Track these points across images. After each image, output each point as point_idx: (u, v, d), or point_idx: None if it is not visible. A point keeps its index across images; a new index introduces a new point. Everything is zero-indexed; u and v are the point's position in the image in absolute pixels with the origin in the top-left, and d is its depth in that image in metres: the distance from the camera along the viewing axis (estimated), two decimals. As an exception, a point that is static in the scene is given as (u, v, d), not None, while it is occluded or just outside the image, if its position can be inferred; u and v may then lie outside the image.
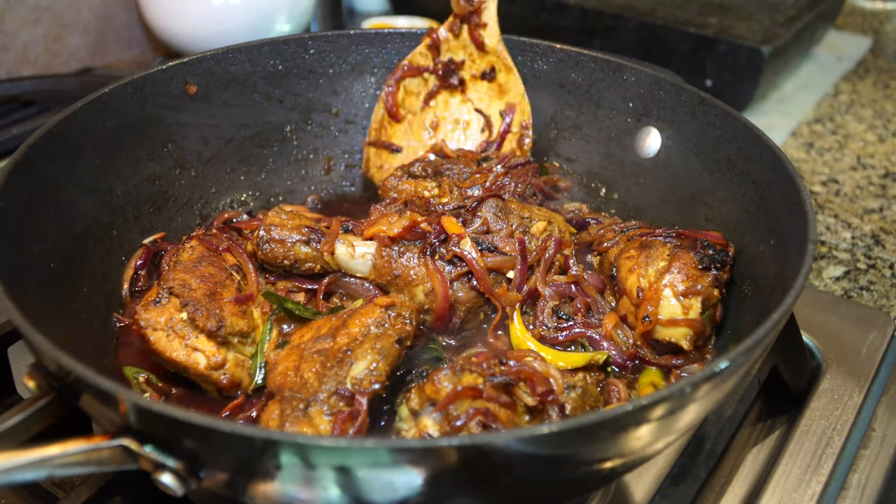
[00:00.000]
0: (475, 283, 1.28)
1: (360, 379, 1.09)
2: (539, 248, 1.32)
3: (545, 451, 0.81)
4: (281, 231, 1.33)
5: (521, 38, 1.62)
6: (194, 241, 1.33)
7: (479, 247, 1.29)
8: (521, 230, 1.33)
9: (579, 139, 1.62)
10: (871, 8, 3.35)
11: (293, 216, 1.37)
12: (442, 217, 1.32)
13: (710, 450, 1.29)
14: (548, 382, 1.06)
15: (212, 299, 1.22)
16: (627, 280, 1.28)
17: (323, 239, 1.33)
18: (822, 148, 2.29)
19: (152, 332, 1.19)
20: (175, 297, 1.21)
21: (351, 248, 1.32)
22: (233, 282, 1.28)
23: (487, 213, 1.34)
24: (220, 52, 1.54)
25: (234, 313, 1.22)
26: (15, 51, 2.29)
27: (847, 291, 1.71)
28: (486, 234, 1.32)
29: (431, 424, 1.02)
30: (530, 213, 1.36)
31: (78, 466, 0.85)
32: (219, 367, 1.20)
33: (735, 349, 0.88)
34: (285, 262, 1.34)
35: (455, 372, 1.05)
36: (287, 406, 1.05)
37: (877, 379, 1.40)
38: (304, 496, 0.86)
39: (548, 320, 1.29)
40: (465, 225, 1.32)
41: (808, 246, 1.02)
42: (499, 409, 1.02)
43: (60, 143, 1.27)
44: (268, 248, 1.33)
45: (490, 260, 1.29)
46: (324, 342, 1.14)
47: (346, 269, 1.34)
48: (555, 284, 1.32)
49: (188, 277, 1.23)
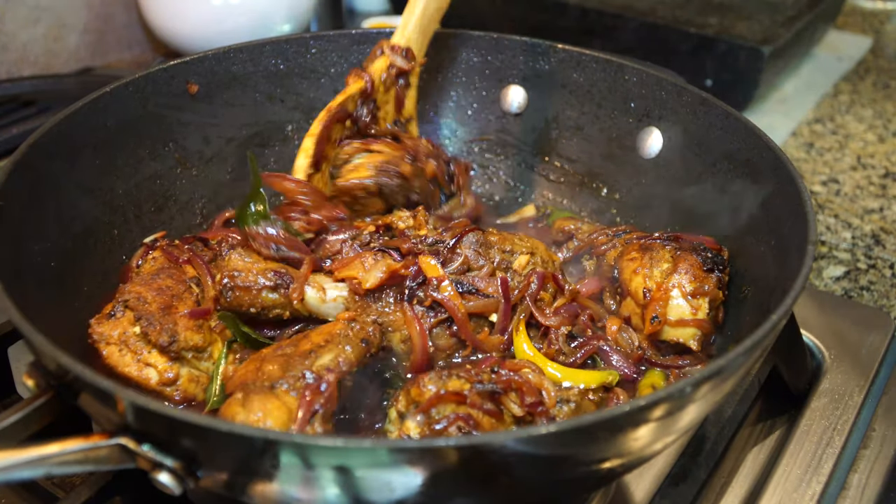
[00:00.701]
0: (456, 329, 1.21)
1: (325, 366, 1.07)
2: (522, 284, 1.26)
3: (543, 451, 0.81)
4: (246, 277, 1.23)
5: (522, 38, 1.62)
6: (157, 252, 1.31)
7: (460, 289, 1.22)
8: (503, 266, 1.27)
9: (580, 139, 1.62)
10: (871, 8, 3.35)
11: (257, 259, 1.27)
12: (420, 258, 1.24)
13: (710, 450, 1.29)
14: (538, 394, 1.05)
15: (166, 313, 1.18)
16: (632, 281, 1.28)
17: (291, 284, 1.23)
18: (823, 148, 2.29)
19: (105, 346, 1.16)
20: (130, 310, 1.18)
21: (321, 293, 1.24)
22: (191, 295, 1.24)
23: (467, 249, 1.26)
24: (221, 51, 1.54)
25: (189, 328, 1.18)
26: (15, 51, 2.29)
27: (847, 291, 1.71)
28: (468, 273, 1.25)
29: (413, 427, 1.01)
30: (512, 246, 1.30)
31: (76, 465, 0.85)
32: (170, 382, 1.16)
33: (735, 349, 0.88)
34: (251, 311, 1.24)
35: (441, 376, 1.05)
36: (250, 388, 1.02)
37: (877, 379, 1.40)
38: (302, 496, 0.86)
39: (564, 347, 1.25)
40: (445, 264, 1.24)
41: (808, 247, 1.02)
42: (482, 417, 1.01)
43: (61, 143, 1.27)
44: (231, 297, 1.23)
45: (472, 304, 1.22)
46: (286, 349, 1.11)
47: (317, 314, 1.26)
48: (559, 311, 1.27)
49: (144, 290, 1.20)
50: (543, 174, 1.69)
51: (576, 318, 1.28)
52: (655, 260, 1.27)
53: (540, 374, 1.09)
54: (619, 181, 1.58)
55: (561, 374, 1.18)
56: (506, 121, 1.70)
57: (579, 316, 1.28)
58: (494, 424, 1.02)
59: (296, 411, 1.00)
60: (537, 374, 1.09)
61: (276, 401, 1.00)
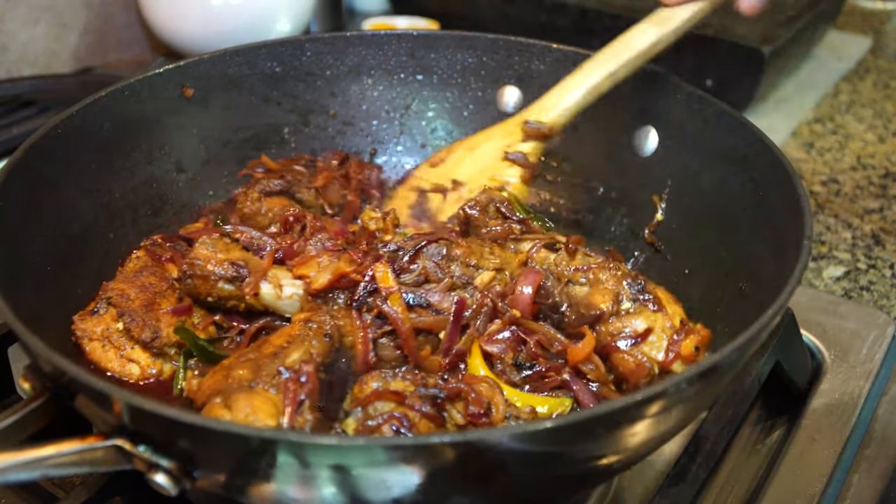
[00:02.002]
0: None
1: (297, 361, 1.06)
2: (478, 303, 1.20)
3: (540, 447, 0.81)
4: (205, 267, 1.22)
5: (517, 39, 1.62)
6: (141, 252, 1.33)
7: (410, 302, 1.17)
8: (463, 280, 1.21)
9: (576, 139, 1.62)
10: (871, 8, 3.35)
11: (224, 247, 1.25)
12: (375, 265, 1.20)
13: (710, 450, 1.29)
14: (485, 406, 1.02)
15: (149, 310, 1.20)
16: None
17: (247, 278, 1.21)
18: (823, 148, 2.28)
19: (88, 342, 1.18)
20: (112, 306, 1.20)
21: (277, 289, 1.22)
22: (173, 292, 1.27)
23: (427, 260, 1.21)
24: (216, 54, 1.54)
25: (172, 324, 1.20)
26: (15, 51, 2.29)
27: (847, 291, 1.70)
28: (425, 285, 1.20)
29: (351, 423, 1.01)
30: (478, 260, 1.24)
31: (72, 467, 0.85)
32: (153, 378, 1.19)
33: (730, 345, 0.88)
34: (209, 299, 1.24)
35: (386, 376, 1.04)
36: (228, 390, 1.00)
37: (877, 379, 1.40)
38: (299, 495, 0.85)
39: (513, 376, 1.17)
40: (401, 272, 1.20)
41: (804, 242, 1.02)
42: (419, 419, 1.00)
43: (58, 145, 1.27)
44: (190, 284, 1.23)
45: (420, 319, 1.17)
46: (249, 355, 1.09)
47: (274, 310, 1.24)
48: (498, 340, 1.18)
49: (127, 287, 1.23)
50: (539, 174, 1.68)
51: (521, 344, 1.19)
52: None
53: (494, 388, 1.06)
54: (614, 180, 1.58)
55: (518, 399, 1.12)
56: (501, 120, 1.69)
57: (527, 343, 1.19)
58: (433, 429, 1.00)
59: (281, 405, 0.99)
60: (491, 388, 1.05)
61: (259, 397, 0.99)
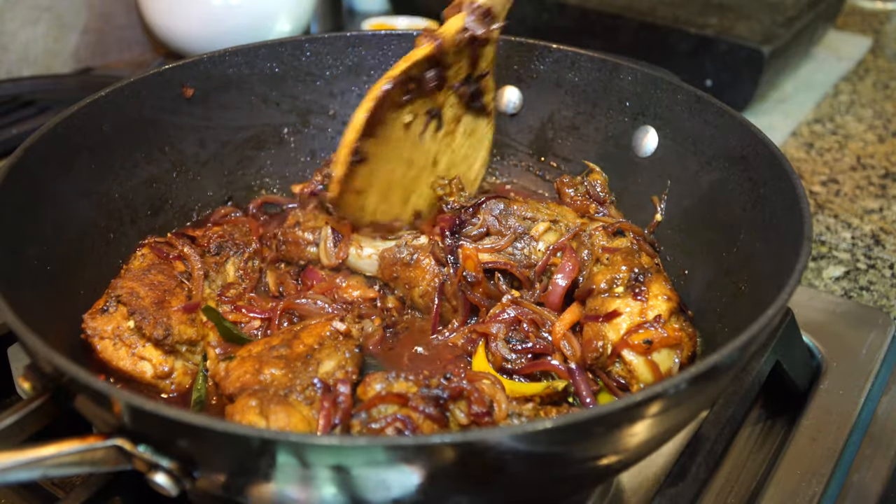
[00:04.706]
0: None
1: (331, 373, 1.08)
2: (543, 259, 1.33)
3: (539, 447, 0.81)
4: (296, 233, 1.45)
5: (517, 39, 1.62)
6: (145, 249, 1.32)
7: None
8: (520, 231, 1.35)
9: (576, 139, 1.62)
10: (871, 8, 3.35)
11: (311, 216, 1.46)
12: (463, 248, 1.33)
13: (710, 450, 1.28)
14: (487, 404, 1.03)
15: (160, 307, 1.20)
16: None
17: (339, 242, 1.42)
18: (822, 148, 2.28)
19: (99, 340, 1.18)
20: (123, 305, 1.19)
21: (359, 250, 1.42)
22: (182, 290, 1.26)
23: (488, 215, 1.35)
24: (216, 54, 1.54)
25: (183, 321, 1.21)
26: (15, 51, 2.29)
27: (847, 291, 1.70)
28: (487, 237, 1.35)
29: (355, 425, 1.01)
30: (534, 213, 1.36)
31: (72, 467, 0.85)
32: (165, 376, 1.18)
33: (730, 344, 0.88)
34: (300, 262, 1.45)
35: (389, 378, 1.04)
36: (263, 395, 1.03)
37: (877, 379, 1.40)
38: (300, 496, 0.85)
39: (504, 352, 1.26)
40: (465, 225, 1.34)
41: (803, 241, 1.02)
42: (422, 421, 1.00)
43: (57, 146, 1.27)
44: (284, 249, 1.46)
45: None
46: (280, 350, 1.12)
47: (356, 269, 1.44)
48: (500, 320, 1.28)
49: (136, 285, 1.22)
50: (539, 174, 1.68)
51: (516, 323, 1.28)
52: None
53: (496, 385, 1.07)
54: (615, 180, 1.58)
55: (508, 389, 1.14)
56: (502, 122, 1.69)
57: (521, 322, 1.28)
58: (436, 430, 1.00)
59: (314, 421, 1.01)
60: (492, 386, 1.07)
61: (297, 414, 1.01)
